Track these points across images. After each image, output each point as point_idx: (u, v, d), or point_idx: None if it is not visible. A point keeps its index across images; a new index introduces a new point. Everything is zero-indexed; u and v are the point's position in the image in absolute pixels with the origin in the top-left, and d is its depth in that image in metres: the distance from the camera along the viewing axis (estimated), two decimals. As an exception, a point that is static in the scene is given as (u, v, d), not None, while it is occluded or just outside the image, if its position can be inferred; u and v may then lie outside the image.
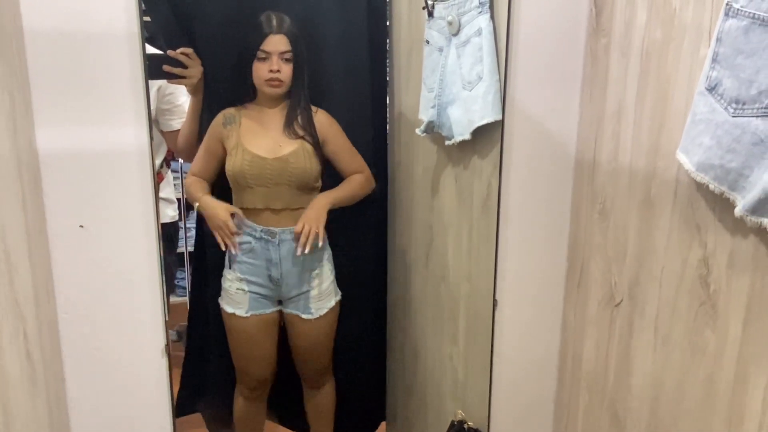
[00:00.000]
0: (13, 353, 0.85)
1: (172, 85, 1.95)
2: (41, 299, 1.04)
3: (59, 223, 1.14)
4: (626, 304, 1.21)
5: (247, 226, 1.78)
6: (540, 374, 1.49)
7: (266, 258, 1.79)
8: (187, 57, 1.75)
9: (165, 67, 1.73)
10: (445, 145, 1.59)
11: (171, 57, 1.74)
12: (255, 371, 1.92)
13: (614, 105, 1.21)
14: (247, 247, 1.79)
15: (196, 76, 1.78)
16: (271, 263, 1.80)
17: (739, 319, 0.93)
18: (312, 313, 1.86)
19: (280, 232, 1.78)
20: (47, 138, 1.10)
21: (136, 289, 1.21)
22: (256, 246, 1.78)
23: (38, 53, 1.07)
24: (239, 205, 1.80)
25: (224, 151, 1.79)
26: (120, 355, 1.23)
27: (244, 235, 1.79)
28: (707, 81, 0.93)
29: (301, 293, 1.85)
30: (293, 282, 1.83)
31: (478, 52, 1.42)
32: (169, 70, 1.75)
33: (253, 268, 1.80)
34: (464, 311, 1.65)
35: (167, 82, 1.91)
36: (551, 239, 1.41)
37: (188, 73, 1.77)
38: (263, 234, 1.77)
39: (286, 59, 1.71)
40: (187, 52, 1.75)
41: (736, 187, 0.89)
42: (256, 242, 1.78)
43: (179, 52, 1.74)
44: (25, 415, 0.90)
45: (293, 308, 1.87)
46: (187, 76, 1.77)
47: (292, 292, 1.85)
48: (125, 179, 1.16)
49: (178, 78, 1.77)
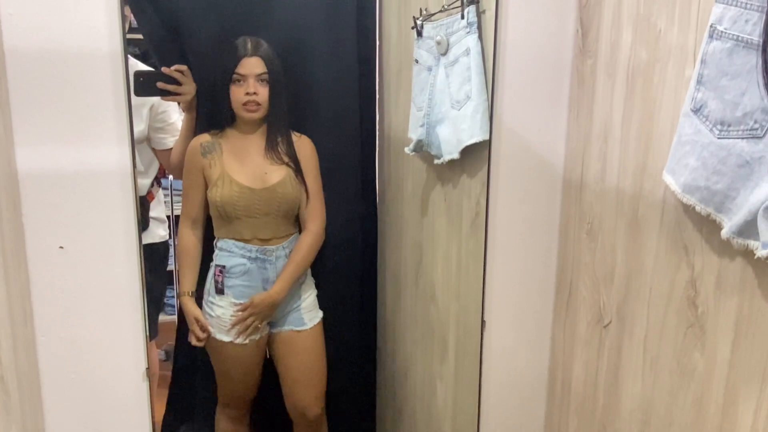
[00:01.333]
0: (-15, 379, 0.83)
1: (164, 103, 1.94)
2: (17, 321, 1.02)
3: (39, 244, 1.12)
4: (615, 325, 1.20)
5: (239, 248, 1.76)
6: (530, 396, 1.47)
7: (263, 278, 1.78)
8: (182, 74, 1.75)
9: (159, 84, 1.73)
10: (434, 163, 1.59)
11: (165, 74, 1.73)
12: (242, 393, 1.89)
13: (601, 125, 1.21)
14: (242, 269, 1.76)
15: (191, 93, 1.78)
16: (268, 282, 1.78)
17: (727, 341, 0.92)
18: (306, 324, 1.85)
19: (275, 249, 1.77)
20: (27, 158, 1.09)
21: (117, 311, 1.19)
22: (251, 267, 1.76)
23: (18, 72, 1.06)
24: (224, 235, 1.78)
25: (205, 181, 1.76)
26: (101, 379, 1.21)
27: (238, 257, 1.76)
28: (692, 102, 0.92)
29: (293, 308, 1.84)
30: (287, 297, 1.82)
31: (467, 71, 1.42)
32: (164, 87, 1.74)
33: (249, 290, 1.78)
34: (454, 331, 1.64)
35: (160, 100, 1.91)
36: (540, 259, 1.40)
37: (182, 90, 1.76)
38: (259, 254, 1.75)
39: (262, 81, 1.69)
40: (182, 69, 1.75)
41: (722, 208, 0.89)
42: (252, 263, 1.76)
43: (174, 69, 1.74)
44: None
45: (287, 324, 1.85)
46: (182, 93, 1.77)
47: (285, 308, 1.83)
48: (107, 199, 1.14)
49: (172, 95, 1.77)
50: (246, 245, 1.75)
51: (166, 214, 2.27)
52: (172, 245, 2.50)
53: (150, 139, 1.99)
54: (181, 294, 1.80)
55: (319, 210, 1.83)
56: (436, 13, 1.52)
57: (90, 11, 1.08)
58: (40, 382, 1.16)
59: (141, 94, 1.77)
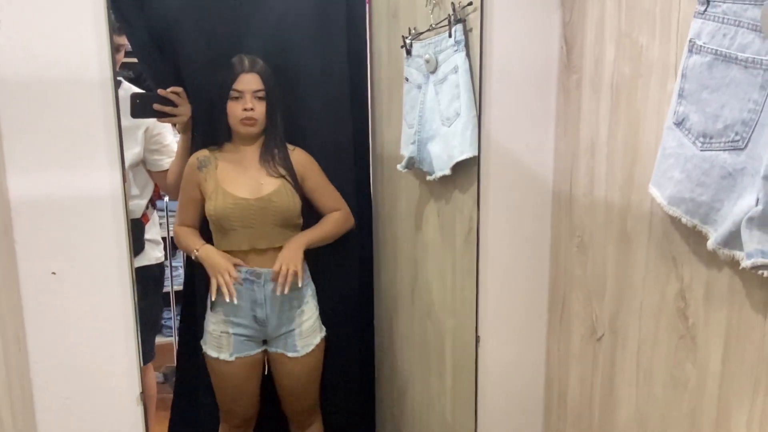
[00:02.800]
0: (-24, 407, 0.83)
1: (159, 125, 1.96)
2: (10, 348, 1.02)
3: (31, 270, 1.12)
4: (608, 338, 1.20)
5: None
6: (526, 410, 1.47)
7: (251, 299, 1.77)
8: (177, 96, 1.78)
9: (155, 105, 1.76)
10: (426, 180, 1.60)
11: (161, 96, 1.76)
12: (239, 411, 1.89)
13: (588, 140, 1.22)
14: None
15: (186, 114, 1.81)
16: (257, 304, 1.78)
17: (718, 352, 0.93)
18: (298, 351, 1.83)
19: (265, 273, 1.76)
20: (19, 184, 1.09)
21: (110, 336, 1.19)
22: (240, 288, 1.76)
23: (8, 100, 1.07)
24: (223, 248, 1.78)
25: (202, 195, 1.79)
26: (95, 404, 1.20)
27: None
28: (675, 116, 0.94)
29: (286, 332, 1.83)
30: (279, 321, 1.81)
31: (455, 89, 1.44)
32: (160, 109, 1.77)
33: (238, 309, 1.78)
34: (450, 347, 1.64)
35: (155, 122, 1.93)
36: (532, 274, 1.41)
37: (178, 112, 1.79)
38: (248, 275, 1.76)
39: (259, 98, 1.72)
40: (177, 91, 1.78)
41: (707, 220, 0.90)
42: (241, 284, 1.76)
43: (170, 90, 1.76)
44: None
45: (279, 347, 1.84)
46: (177, 114, 1.79)
47: (277, 331, 1.82)
48: (99, 225, 1.15)
49: (168, 116, 1.79)
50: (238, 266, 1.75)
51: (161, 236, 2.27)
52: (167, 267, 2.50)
53: (146, 162, 2.00)
54: (199, 247, 1.77)
55: (340, 201, 1.89)
56: (424, 31, 1.54)
57: (79, 39, 1.09)
58: (34, 407, 1.16)
59: (137, 115, 1.79)
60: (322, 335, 1.90)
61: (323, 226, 1.86)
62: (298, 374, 1.87)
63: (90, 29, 1.09)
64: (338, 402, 2.06)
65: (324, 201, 1.87)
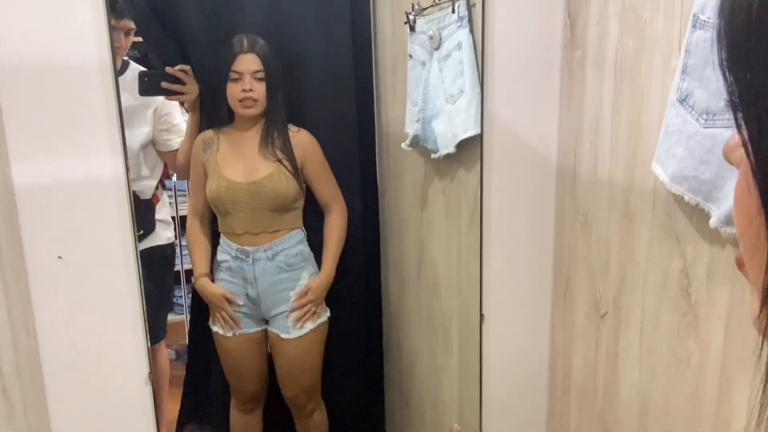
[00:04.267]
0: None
1: (168, 105, 1.98)
2: (19, 333, 1.04)
3: (37, 256, 1.14)
4: (612, 315, 1.20)
5: (226, 245, 1.79)
6: (531, 387, 1.48)
7: (242, 277, 1.79)
8: (185, 74, 1.78)
9: (163, 83, 1.76)
10: (431, 158, 1.59)
11: (169, 74, 1.76)
12: (246, 387, 1.92)
13: (591, 117, 1.21)
14: (226, 265, 1.80)
15: (194, 92, 1.81)
16: (247, 282, 1.80)
17: (720, 329, 0.93)
18: (290, 332, 1.82)
19: (253, 251, 1.77)
20: (22, 172, 1.10)
21: (118, 317, 1.21)
22: (233, 264, 1.79)
23: (10, 87, 1.07)
24: (222, 229, 1.80)
25: (206, 176, 1.80)
26: (105, 385, 1.23)
27: (225, 254, 1.80)
28: (678, 92, 0.92)
29: (280, 312, 1.83)
30: (271, 301, 1.82)
31: (459, 65, 1.42)
32: (168, 87, 1.78)
33: (233, 286, 1.81)
34: (456, 324, 1.65)
35: (164, 102, 1.94)
36: (536, 251, 1.41)
37: (186, 90, 1.80)
38: (238, 253, 1.78)
39: (258, 78, 1.71)
40: (185, 69, 1.78)
41: (710, 198, 0.89)
42: (233, 261, 1.79)
43: (177, 69, 1.77)
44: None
45: (274, 327, 1.85)
46: (185, 92, 1.80)
47: (271, 310, 1.83)
48: (103, 209, 1.15)
49: (176, 95, 1.80)
50: (230, 243, 1.78)
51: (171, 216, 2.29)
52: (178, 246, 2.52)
53: (155, 142, 2.02)
54: (197, 278, 1.83)
55: (336, 191, 1.88)
56: (428, 7, 1.52)
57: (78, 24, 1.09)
58: (45, 390, 1.18)
59: (146, 93, 1.81)
60: (320, 320, 1.87)
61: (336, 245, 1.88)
62: (292, 356, 1.85)
63: (89, 13, 1.09)
64: (347, 378, 2.09)
65: (321, 190, 1.86)
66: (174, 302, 2.97)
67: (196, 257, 1.85)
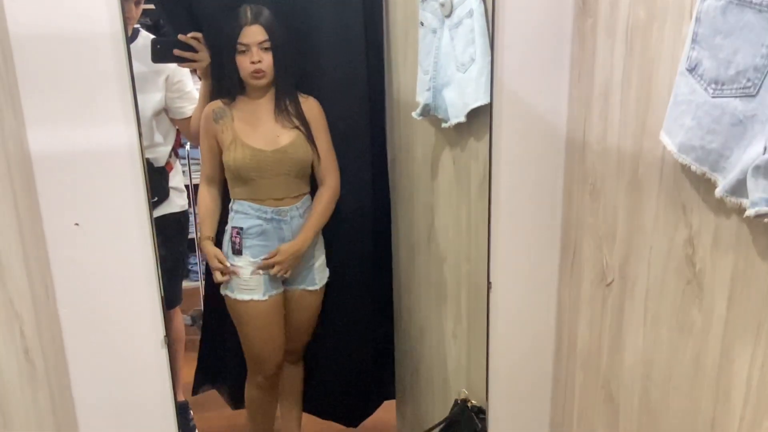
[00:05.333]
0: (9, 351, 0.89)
1: (179, 72, 2.00)
2: (39, 296, 1.07)
3: (55, 222, 1.17)
4: (617, 283, 1.21)
5: (255, 210, 1.82)
6: (537, 354, 1.51)
7: (279, 237, 1.85)
8: (197, 41, 1.80)
9: (176, 51, 1.78)
10: (442, 127, 1.60)
11: (181, 41, 1.78)
12: (271, 356, 1.96)
13: (602, 85, 1.20)
14: (258, 230, 1.83)
15: (206, 59, 1.83)
16: (284, 241, 1.86)
17: (723, 297, 0.94)
18: (317, 284, 1.97)
19: (289, 210, 1.84)
20: (38, 139, 1.12)
21: (133, 282, 1.24)
22: (267, 227, 1.83)
23: (25, 56, 1.09)
24: (239, 196, 1.83)
25: (219, 146, 1.82)
26: (122, 347, 1.27)
27: (254, 219, 1.82)
28: (688, 61, 0.92)
29: (306, 267, 1.93)
30: (303, 258, 1.90)
31: (470, 33, 1.41)
32: (180, 54, 1.79)
33: (266, 249, 1.84)
34: (465, 291, 1.67)
35: (176, 70, 1.96)
36: (544, 220, 1.42)
37: (198, 57, 1.82)
38: (274, 215, 1.82)
39: (265, 48, 1.72)
40: (197, 37, 1.80)
41: (717, 167, 0.89)
42: (268, 224, 1.82)
43: (189, 36, 1.78)
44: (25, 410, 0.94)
45: (300, 283, 1.94)
46: (197, 60, 1.82)
47: (300, 267, 1.91)
48: (117, 176, 1.18)
49: (188, 62, 1.82)
50: (261, 207, 1.81)
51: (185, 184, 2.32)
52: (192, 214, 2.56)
53: (168, 110, 2.04)
54: (202, 239, 1.89)
55: (333, 166, 1.90)
56: (438, -26, 1.50)
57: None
58: (65, 352, 1.22)
59: (158, 60, 1.83)
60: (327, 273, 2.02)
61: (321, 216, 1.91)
62: (313, 307, 2.00)
63: (100, -19, 1.10)
64: (356, 345, 2.13)
65: (321, 159, 1.88)
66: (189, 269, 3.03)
67: (204, 221, 1.90)
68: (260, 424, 2.09)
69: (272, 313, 1.90)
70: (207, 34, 1.81)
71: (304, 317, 2.00)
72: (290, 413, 2.16)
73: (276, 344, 1.95)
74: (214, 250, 1.85)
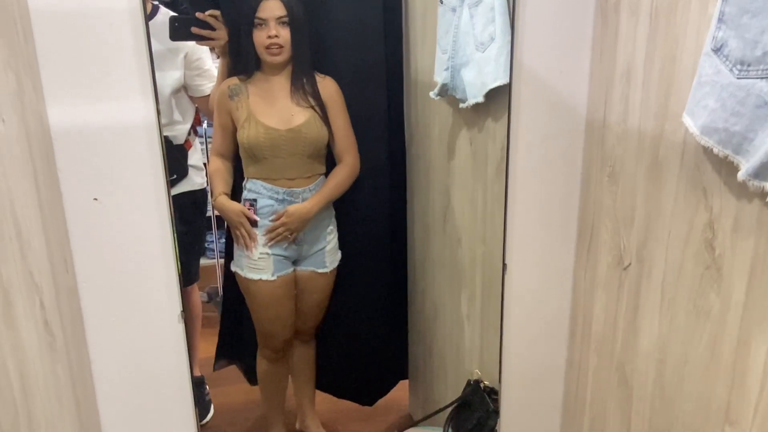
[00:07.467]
0: (29, 322, 0.90)
1: (198, 50, 2.00)
2: (58, 270, 1.09)
3: (74, 197, 1.18)
4: (634, 267, 1.20)
5: (267, 189, 1.82)
6: (551, 336, 1.50)
7: None
8: (215, 19, 1.79)
9: (194, 29, 1.78)
10: (459, 107, 1.58)
11: (199, 19, 1.78)
12: (280, 332, 1.98)
13: (624, 66, 1.18)
14: (270, 209, 1.83)
15: (224, 38, 1.83)
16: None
17: (742, 283, 0.93)
18: (327, 267, 1.96)
19: (301, 191, 1.83)
20: (58, 115, 1.13)
21: (151, 258, 1.25)
22: (279, 208, 1.82)
23: (44, 32, 1.09)
24: (252, 175, 1.83)
25: (233, 123, 1.82)
26: (140, 321, 1.28)
27: (266, 198, 1.83)
28: (713, 41, 0.90)
29: (318, 249, 1.93)
30: (313, 239, 1.91)
31: (490, 12, 1.40)
32: (198, 32, 1.79)
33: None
34: (480, 273, 1.67)
35: (194, 48, 1.96)
36: (562, 202, 1.40)
37: (216, 35, 1.81)
38: (285, 195, 1.82)
39: (283, 23, 1.72)
40: (215, 14, 1.79)
41: (740, 150, 0.88)
42: (280, 204, 1.82)
43: (207, 14, 1.78)
44: (45, 380, 0.96)
45: (309, 265, 1.94)
46: (215, 38, 1.82)
47: (310, 250, 1.92)
48: (135, 152, 1.19)
49: (206, 40, 1.82)
50: (274, 187, 1.81)
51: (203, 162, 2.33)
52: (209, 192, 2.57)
53: (187, 87, 2.04)
54: (216, 197, 1.87)
55: (352, 144, 1.90)
56: (459, -49, 1.48)
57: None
58: (84, 324, 1.24)
59: (177, 38, 1.83)
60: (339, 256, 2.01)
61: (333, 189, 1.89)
62: (324, 289, 1.99)
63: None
64: (371, 325, 2.14)
65: (338, 138, 1.87)
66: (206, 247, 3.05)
67: (216, 180, 1.89)
68: (272, 396, 2.12)
69: (281, 293, 1.91)
70: (225, 10, 1.80)
71: (314, 299, 2.00)
72: (303, 391, 2.18)
73: (284, 323, 1.97)
74: (235, 206, 1.83)
